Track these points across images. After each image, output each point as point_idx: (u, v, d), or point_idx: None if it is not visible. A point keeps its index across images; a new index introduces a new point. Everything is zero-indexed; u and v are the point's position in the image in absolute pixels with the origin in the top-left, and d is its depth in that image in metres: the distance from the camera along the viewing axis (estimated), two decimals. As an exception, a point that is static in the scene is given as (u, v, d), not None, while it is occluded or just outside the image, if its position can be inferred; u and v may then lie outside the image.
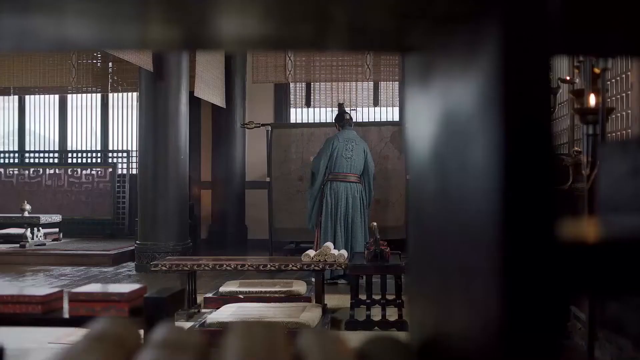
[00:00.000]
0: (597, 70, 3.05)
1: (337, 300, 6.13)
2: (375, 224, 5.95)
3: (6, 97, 12.60)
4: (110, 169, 11.94)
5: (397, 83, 11.10)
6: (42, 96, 12.48)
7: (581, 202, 3.27)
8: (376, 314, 5.23)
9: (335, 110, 10.27)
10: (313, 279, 6.63)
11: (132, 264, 8.80)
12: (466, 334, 0.79)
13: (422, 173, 0.99)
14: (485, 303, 0.73)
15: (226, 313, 4.95)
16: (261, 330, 0.86)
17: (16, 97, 12.52)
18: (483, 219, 0.72)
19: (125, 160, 12.14)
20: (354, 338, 1.03)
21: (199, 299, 5.92)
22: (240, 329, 0.87)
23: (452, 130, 0.83)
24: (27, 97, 12.59)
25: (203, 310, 5.65)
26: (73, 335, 4.85)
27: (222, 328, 4.54)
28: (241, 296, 5.73)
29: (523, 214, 0.68)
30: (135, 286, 3.52)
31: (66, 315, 3.45)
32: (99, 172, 11.97)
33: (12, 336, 4.29)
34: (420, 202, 1.01)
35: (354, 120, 10.34)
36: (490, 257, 0.71)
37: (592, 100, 3.09)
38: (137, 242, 8.56)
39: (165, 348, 0.80)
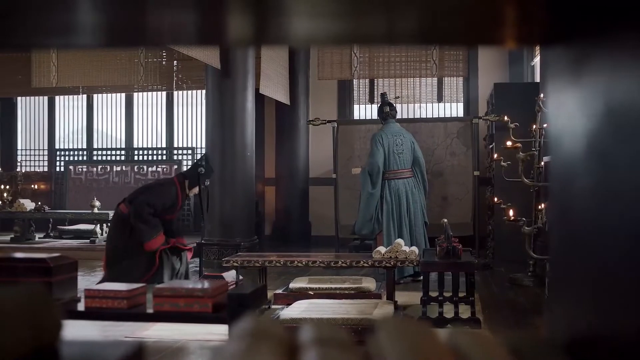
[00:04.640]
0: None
1: (407, 297, 6.10)
2: (446, 220, 5.89)
3: (75, 97, 12.92)
4: (176, 166, 12.11)
5: (461, 79, 10.94)
6: (109, 95, 12.74)
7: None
8: (447, 311, 5.18)
9: (399, 107, 10.13)
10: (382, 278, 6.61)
11: (198, 260, 8.89)
12: (637, 335, 0.77)
13: (571, 170, 0.96)
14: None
15: (299, 309, 4.96)
16: (416, 329, 0.85)
17: (84, 96, 12.82)
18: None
19: (190, 157, 12.31)
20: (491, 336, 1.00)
21: (269, 294, 5.95)
22: (394, 327, 0.86)
23: (619, 125, 0.80)
24: (94, 96, 12.87)
25: (273, 307, 5.68)
26: (149, 329, 4.93)
27: (296, 324, 4.54)
28: (311, 292, 5.74)
29: None
30: (218, 282, 3.56)
31: (150, 310, 3.51)
32: (165, 169, 12.15)
33: (87, 329, 4.39)
34: (568, 200, 0.98)
35: (418, 116, 10.22)
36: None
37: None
38: (204, 238, 8.65)
39: (327, 346, 0.80)
